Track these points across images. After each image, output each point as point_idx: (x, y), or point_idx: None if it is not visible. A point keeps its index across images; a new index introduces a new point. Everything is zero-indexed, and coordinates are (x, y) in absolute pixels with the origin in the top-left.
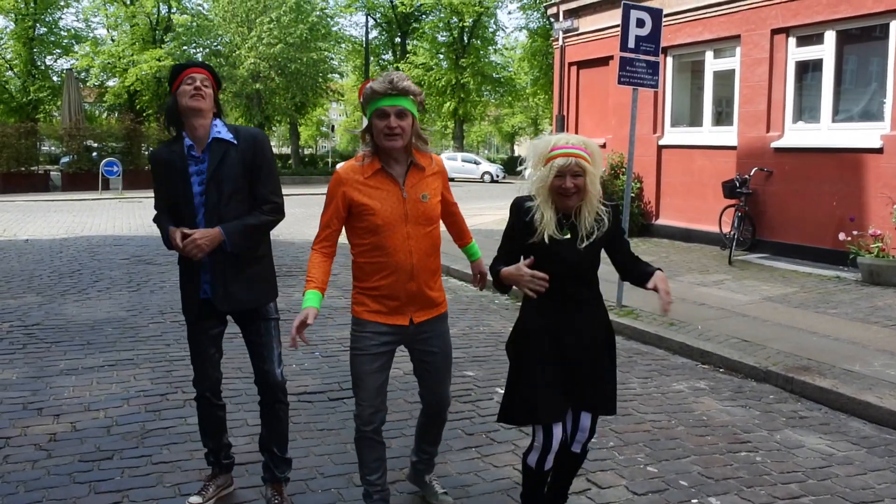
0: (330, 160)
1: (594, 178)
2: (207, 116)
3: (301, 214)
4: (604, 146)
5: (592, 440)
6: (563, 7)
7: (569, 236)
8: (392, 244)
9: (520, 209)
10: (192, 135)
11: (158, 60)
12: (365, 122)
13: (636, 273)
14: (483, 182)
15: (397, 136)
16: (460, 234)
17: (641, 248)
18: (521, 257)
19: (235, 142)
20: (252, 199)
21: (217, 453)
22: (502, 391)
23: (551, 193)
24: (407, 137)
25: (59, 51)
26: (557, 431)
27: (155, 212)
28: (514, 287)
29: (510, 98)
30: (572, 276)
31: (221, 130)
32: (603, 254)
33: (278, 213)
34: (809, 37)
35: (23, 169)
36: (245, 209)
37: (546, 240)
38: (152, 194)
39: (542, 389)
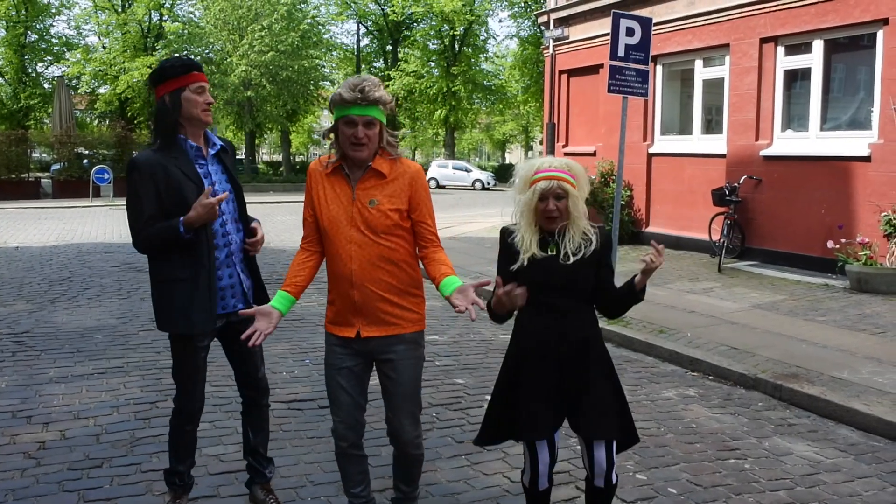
0: None
1: (577, 200)
2: None
3: (292, 222)
4: (594, 154)
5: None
6: (554, 15)
7: (553, 253)
8: (334, 247)
9: (504, 237)
10: (194, 139)
11: (150, 68)
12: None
13: (617, 297)
14: (474, 189)
15: (363, 147)
16: (432, 267)
17: (631, 255)
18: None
19: (228, 150)
20: None
21: (185, 474)
22: None
23: (535, 216)
24: (373, 146)
25: (50, 58)
26: (543, 453)
27: (137, 237)
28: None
29: (501, 106)
30: (558, 290)
31: (216, 139)
32: None
33: None
34: (798, 46)
35: (13, 176)
36: None
37: (525, 262)
38: None
39: (525, 404)
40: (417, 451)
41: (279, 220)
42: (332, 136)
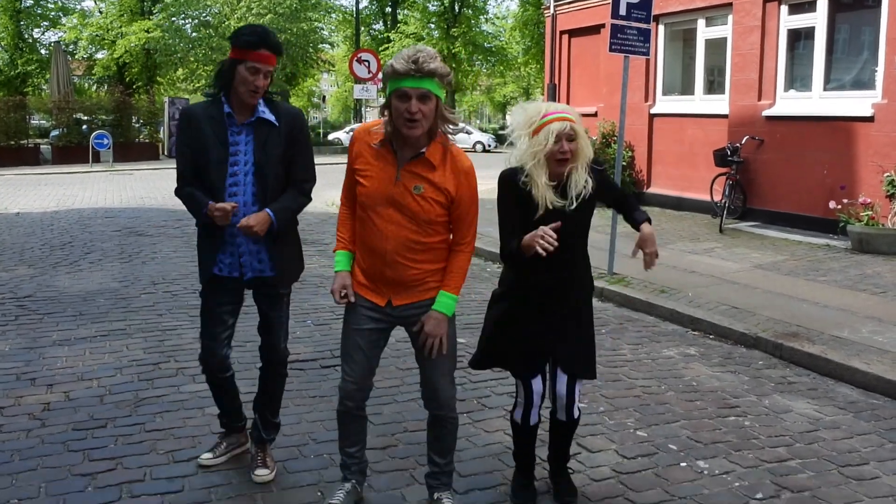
0: (321, 131)
1: (585, 141)
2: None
3: None
4: (595, 115)
5: (583, 405)
6: None
7: (566, 201)
8: (370, 222)
9: (513, 183)
10: (235, 106)
11: (147, 32)
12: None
13: (628, 214)
14: (475, 151)
15: (417, 123)
16: (447, 270)
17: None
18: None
19: (277, 123)
20: (287, 179)
21: (228, 416)
22: None
23: (547, 160)
24: (428, 123)
25: (46, 23)
26: (537, 385)
27: (177, 185)
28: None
29: (502, 68)
30: (564, 236)
31: (265, 110)
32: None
33: (308, 196)
34: (801, 4)
35: (12, 143)
36: (283, 188)
37: (542, 210)
38: (143, 166)
39: (522, 345)
40: (453, 413)
41: None
42: (386, 112)
